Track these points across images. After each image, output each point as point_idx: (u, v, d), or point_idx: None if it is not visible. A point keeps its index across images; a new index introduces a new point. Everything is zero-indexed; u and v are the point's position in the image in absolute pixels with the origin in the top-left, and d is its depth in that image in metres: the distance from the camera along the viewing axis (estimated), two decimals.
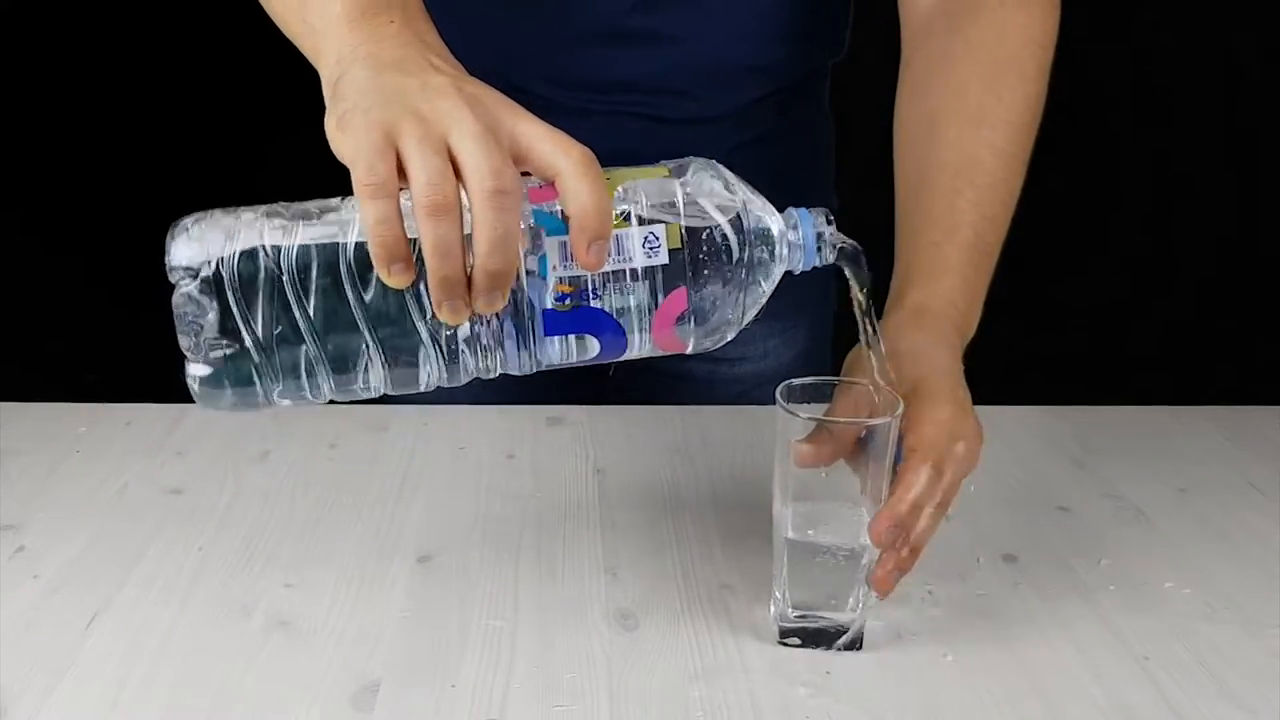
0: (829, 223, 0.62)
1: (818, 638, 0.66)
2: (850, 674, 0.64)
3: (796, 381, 0.66)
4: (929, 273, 0.74)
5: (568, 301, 0.57)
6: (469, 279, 0.54)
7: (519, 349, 0.59)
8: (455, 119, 0.54)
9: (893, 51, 0.87)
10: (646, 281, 0.58)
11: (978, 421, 0.67)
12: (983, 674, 0.64)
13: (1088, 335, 1.90)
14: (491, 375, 0.60)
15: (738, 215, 0.59)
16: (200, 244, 0.57)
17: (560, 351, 0.59)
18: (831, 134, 1.03)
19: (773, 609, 0.67)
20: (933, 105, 0.80)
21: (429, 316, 0.57)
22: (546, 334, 0.58)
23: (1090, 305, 1.90)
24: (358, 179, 0.54)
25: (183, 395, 0.96)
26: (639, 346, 0.60)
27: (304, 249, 0.56)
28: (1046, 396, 0.97)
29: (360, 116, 0.55)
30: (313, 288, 0.56)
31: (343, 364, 0.58)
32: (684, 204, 0.59)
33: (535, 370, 0.60)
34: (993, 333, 0.78)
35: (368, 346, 0.58)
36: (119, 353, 1.73)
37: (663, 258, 0.57)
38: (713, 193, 0.60)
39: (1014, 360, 1.58)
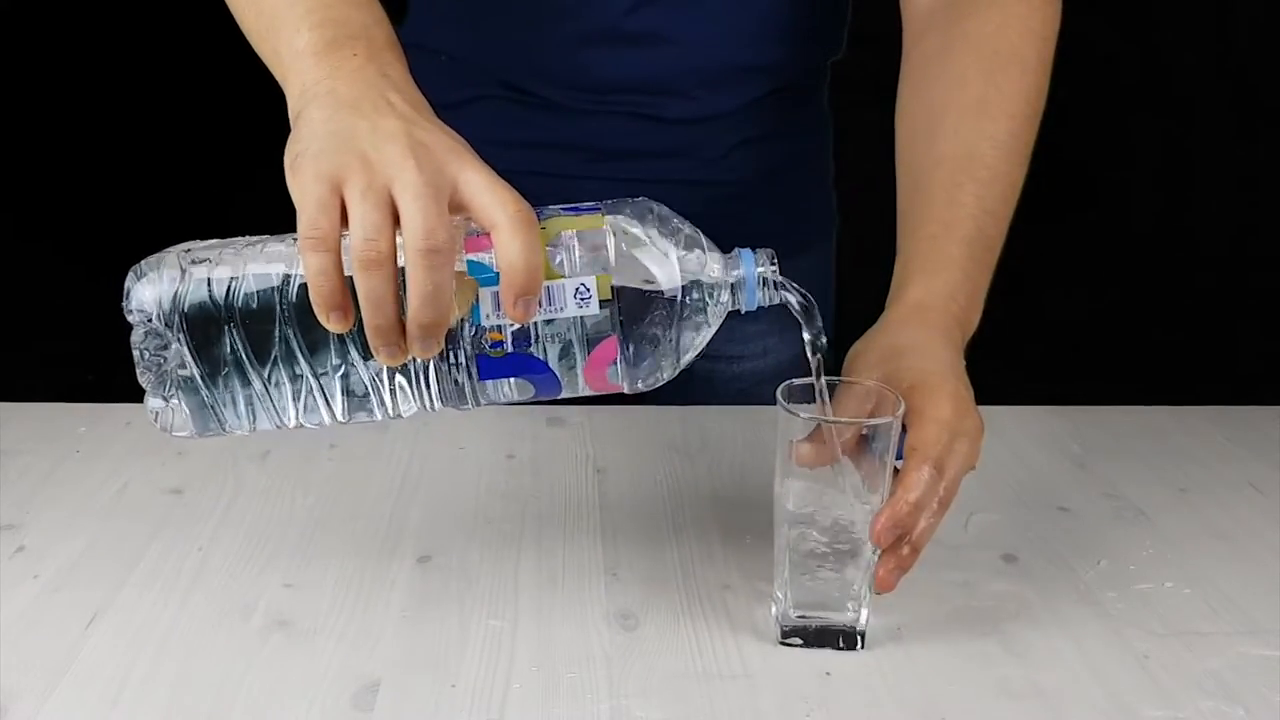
0: (772, 263, 0.63)
1: (818, 637, 0.66)
2: (850, 674, 0.64)
3: (797, 381, 0.66)
4: (929, 267, 0.74)
5: (501, 348, 0.60)
6: (404, 326, 0.57)
7: (456, 390, 0.62)
8: (399, 169, 0.56)
9: (892, 50, 0.87)
10: (578, 330, 0.60)
11: (979, 417, 0.67)
12: (983, 674, 0.64)
13: (1088, 335, 1.90)
14: (434, 411, 0.63)
15: (673, 264, 0.61)
16: (155, 286, 0.60)
17: (497, 393, 0.62)
18: (831, 133, 1.03)
19: (773, 609, 0.67)
20: (932, 98, 0.80)
21: (369, 358, 0.60)
22: (482, 378, 0.61)
23: (1090, 305, 1.90)
24: (301, 231, 0.56)
25: None
26: (574, 388, 0.62)
27: (250, 294, 0.60)
28: (1046, 396, 0.97)
29: (310, 163, 0.57)
30: (259, 328, 0.60)
31: (293, 398, 0.62)
32: (615, 255, 0.60)
33: (476, 408, 0.63)
34: (994, 332, 0.78)
35: (314, 383, 0.61)
36: (119, 353, 1.73)
37: (593, 308, 0.59)
38: (649, 240, 0.61)
39: (1015, 360, 1.58)
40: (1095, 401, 0.98)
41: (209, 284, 0.60)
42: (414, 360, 0.60)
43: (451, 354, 0.60)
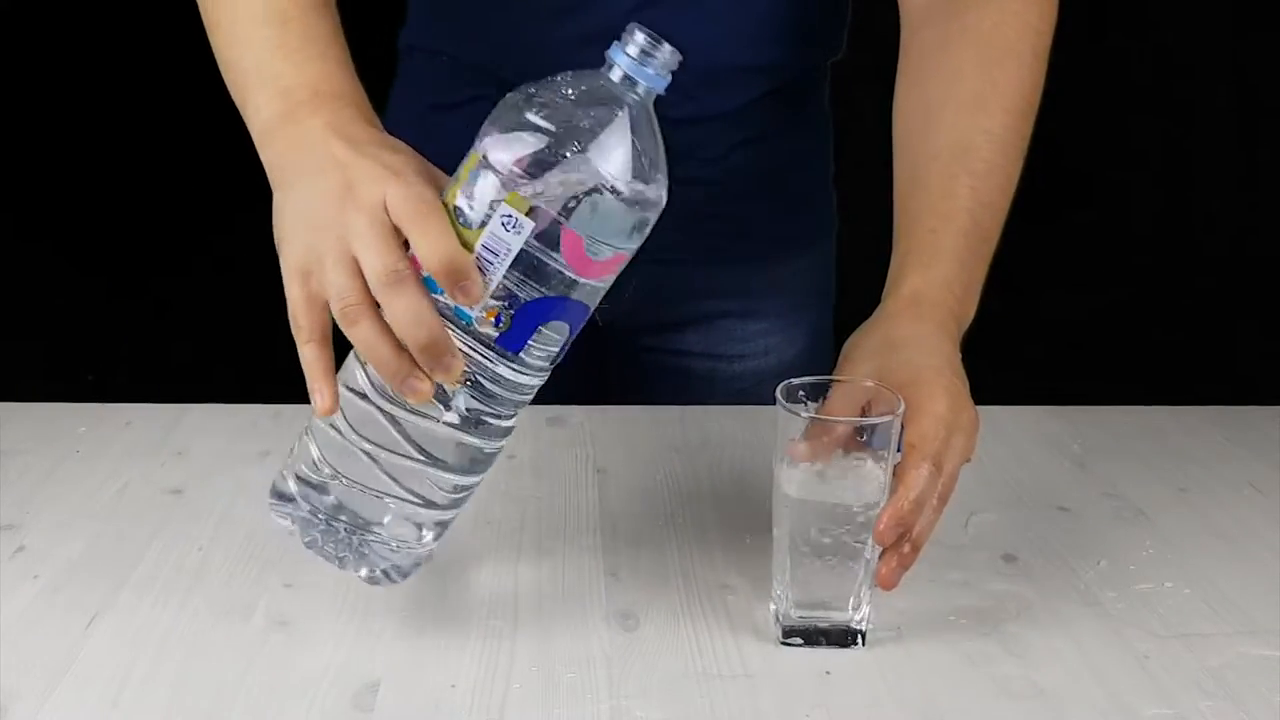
0: (637, 32, 0.60)
1: (818, 637, 0.66)
2: (850, 673, 0.64)
3: (796, 381, 0.66)
4: (927, 260, 0.74)
5: (503, 321, 0.59)
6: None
7: (518, 379, 0.61)
8: (344, 225, 0.59)
9: (892, 49, 0.87)
10: (538, 252, 0.58)
11: (974, 410, 0.67)
12: (983, 674, 0.64)
13: (1088, 335, 1.90)
14: (523, 404, 0.63)
15: (555, 128, 0.58)
16: (282, 487, 0.65)
17: (545, 350, 0.61)
18: (830, 132, 1.03)
19: (773, 609, 0.67)
20: (930, 92, 0.80)
21: (441, 409, 0.61)
22: (517, 351, 0.60)
23: (1090, 305, 1.90)
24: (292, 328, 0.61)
25: (183, 395, 0.96)
26: (595, 293, 0.61)
27: (326, 446, 0.63)
28: (1046, 396, 0.97)
29: (284, 256, 0.62)
30: (355, 467, 0.62)
31: (428, 485, 0.63)
32: (502, 168, 0.58)
33: (549, 374, 0.62)
34: (994, 332, 0.78)
35: (429, 465, 0.62)
36: (119, 353, 1.73)
37: (528, 225, 0.58)
38: (524, 126, 0.59)
39: (1015, 360, 1.58)
40: (1095, 401, 0.98)
41: (302, 461, 0.64)
42: (466, 388, 0.61)
43: (479, 357, 0.60)
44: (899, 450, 0.64)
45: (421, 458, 0.62)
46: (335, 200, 0.60)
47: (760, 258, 0.99)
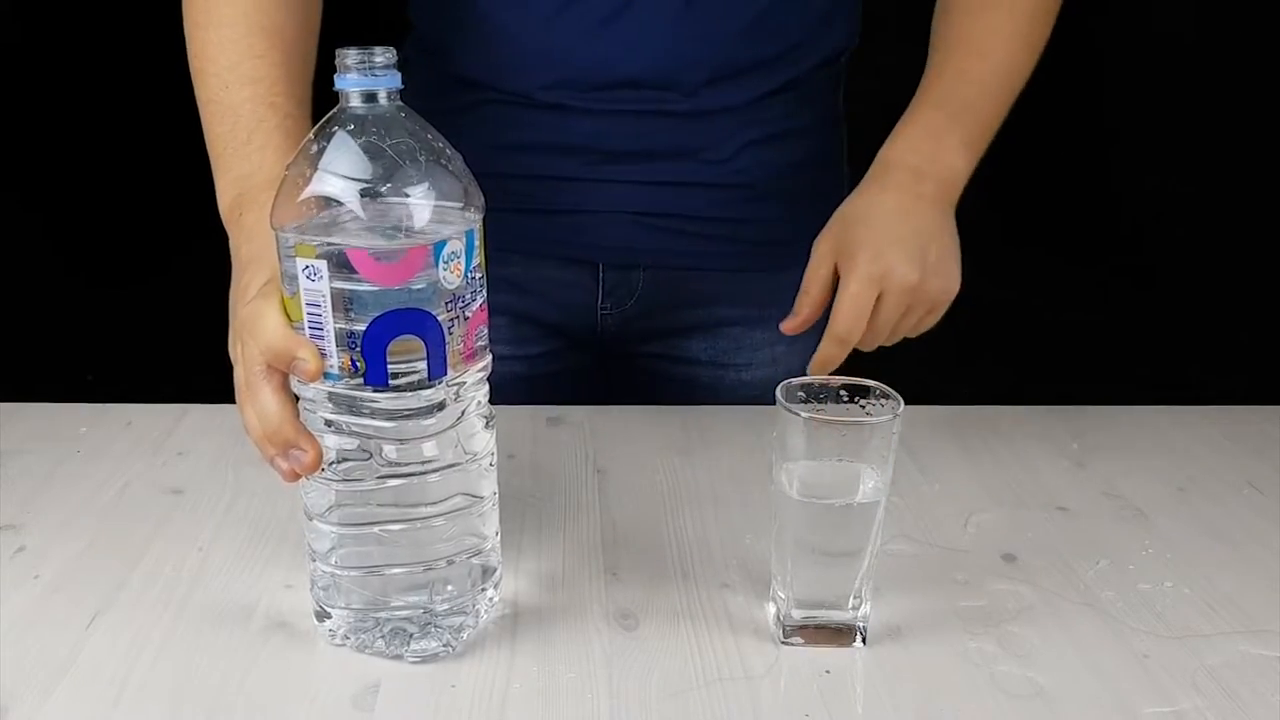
0: (346, 54, 0.59)
1: (818, 636, 0.66)
2: (850, 673, 0.64)
3: (796, 381, 0.66)
4: (896, 131, 0.86)
5: (359, 364, 0.59)
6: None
7: (410, 408, 0.61)
8: (240, 358, 0.63)
9: (900, 52, 0.87)
10: (344, 283, 0.58)
11: (912, 272, 0.79)
12: (983, 674, 0.64)
13: (1088, 335, 1.90)
14: (440, 421, 0.63)
15: (302, 170, 0.59)
16: (336, 619, 0.66)
17: (413, 369, 0.60)
18: (844, 134, 1.02)
19: (773, 608, 0.67)
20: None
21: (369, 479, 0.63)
22: (386, 382, 0.60)
23: (1090, 305, 1.90)
24: None
25: (183, 395, 0.96)
26: (424, 295, 0.59)
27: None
28: (1046, 396, 0.97)
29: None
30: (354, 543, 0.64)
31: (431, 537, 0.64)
32: (280, 227, 0.59)
33: (446, 382, 0.61)
34: (994, 332, 0.78)
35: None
36: (119, 353, 1.73)
37: (322, 266, 0.58)
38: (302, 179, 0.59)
39: (1015, 360, 1.58)
40: (1095, 401, 0.98)
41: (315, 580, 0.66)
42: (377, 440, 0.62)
43: (375, 406, 0.60)
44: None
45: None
46: (236, 326, 0.64)
47: (770, 264, 0.98)
